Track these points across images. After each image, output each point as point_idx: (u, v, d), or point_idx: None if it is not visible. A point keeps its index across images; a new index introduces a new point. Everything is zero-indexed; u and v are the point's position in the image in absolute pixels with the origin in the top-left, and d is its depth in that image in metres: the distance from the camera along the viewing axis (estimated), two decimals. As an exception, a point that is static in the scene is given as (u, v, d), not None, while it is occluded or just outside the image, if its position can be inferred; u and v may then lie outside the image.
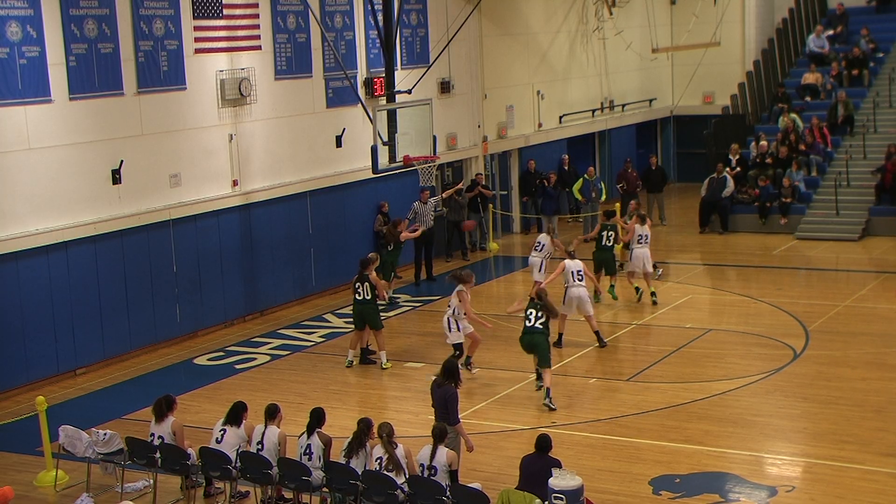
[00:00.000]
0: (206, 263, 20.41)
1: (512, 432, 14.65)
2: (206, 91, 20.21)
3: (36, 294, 17.57)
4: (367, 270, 17.57)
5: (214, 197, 20.51)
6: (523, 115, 29.07)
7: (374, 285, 17.49)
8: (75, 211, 18.15)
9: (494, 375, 17.24)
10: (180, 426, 12.72)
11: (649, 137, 35.29)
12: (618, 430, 14.53)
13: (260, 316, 21.51)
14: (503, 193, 28.92)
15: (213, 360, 18.88)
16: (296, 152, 22.25)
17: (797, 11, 33.98)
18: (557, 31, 30.13)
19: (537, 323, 15.71)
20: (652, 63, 33.58)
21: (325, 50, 22.56)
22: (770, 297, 21.00)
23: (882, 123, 29.02)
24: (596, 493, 11.97)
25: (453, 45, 24.63)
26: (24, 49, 17.12)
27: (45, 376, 17.71)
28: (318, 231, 22.77)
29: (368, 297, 17.46)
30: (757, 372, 16.71)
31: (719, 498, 12.37)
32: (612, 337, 18.96)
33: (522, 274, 24.12)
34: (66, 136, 17.93)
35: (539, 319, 15.71)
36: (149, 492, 13.01)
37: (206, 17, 20.05)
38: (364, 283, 17.47)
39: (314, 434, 12.03)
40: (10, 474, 13.94)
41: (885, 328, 18.70)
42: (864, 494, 12.27)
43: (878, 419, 14.54)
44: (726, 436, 14.21)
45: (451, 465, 11.25)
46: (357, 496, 11.50)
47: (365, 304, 17.54)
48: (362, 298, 17.50)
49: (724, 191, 27.74)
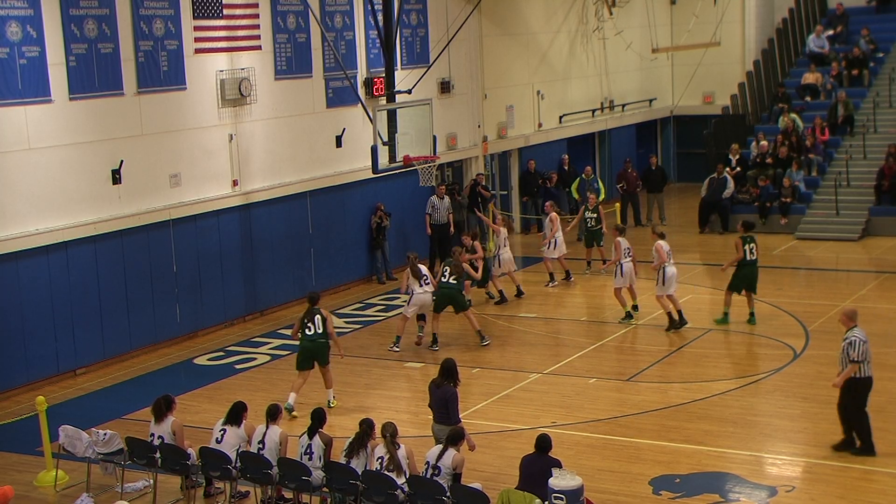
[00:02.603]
0: (206, 263, 20.41)
1: (512, 432, 14.65)
2: (206, 91, 20.21)
3: (36, 294, 17.57)
4: (318, 305, 15.89)
5: (214, 197, 20.51)
6: (523, 115, 29.07)
7: (326, 319, 15.75)
8: (75, 211, 18.14)
9: (494, 375, 17.25)
10: (180, 426, 12.72)
11: (649, 137, 35.29)
12: (618, 430, 14.53)
13: (260, 316, 21.51)
14: (503, 193, 28.93)
15: (213, 360, 18.89)
16: (296, 152, 22.25)
17: (797, 11, 33.99)
18: (557, 31, 30.13)
19: (450, 279, 18.46)
20: (652, 63, 33.59)
21: (325, 50, 22.56)
22: (770, 297, 20.99)
23: (882, 123, 29.03)
24: (596, 493, 11.97)
25: (453, 45, 24.64)
26: (24, 49, 17.12)
27: (45, 376, 17.72)
28: (318, 231, 22.77)
29: (320, 331, 15.67)
30: (757, 372, 16.72)
31: (719, 498, 12.37)
32: (612, 337, 18.97)
33: (522, 274, 24.11)
34: (66, 136, 17.93)
35: (452, 276, 18.49)
36: (149, 492, 13.02)
37: (206, 17, 20.05)
38: (315, 318, 15.69)
39: (315, 434, 12.04)
40: (10, 474, 13.94)
41: (885, 328, 18.69)
42: (865, 494, 12.28)
43: (878, 419, 14.50)
44: (726, 436, 14.22)
45: (456, 469, 11.25)
46: (357, 496, 11.50)
47: (314, 342, 15.70)
48: (313, 334, 15.66)
49: (724, 191, 27.74)
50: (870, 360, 13.33)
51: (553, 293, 22.85)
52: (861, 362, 13.21)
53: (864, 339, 13.21)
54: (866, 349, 13.21)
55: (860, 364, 13.21)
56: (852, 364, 13.20)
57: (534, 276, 24.08)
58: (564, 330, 19.32)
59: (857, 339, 13.15)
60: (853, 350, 13.14)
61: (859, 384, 13.33)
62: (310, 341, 15.72)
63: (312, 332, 15.69)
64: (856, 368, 13.22)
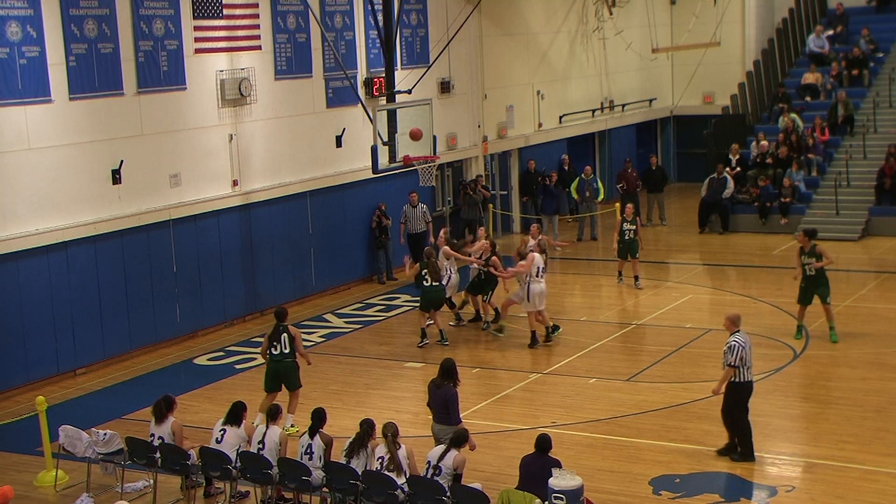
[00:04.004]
0: (206, 263, 20.41)
1: (512, 432, 14.65)
2: (206, 91, 20.21)
3: (36, 294, 17.57)
4: (286, 321, 15.13)
5: (214, 197, 20.51)
6: (523, 115, 29.07)
7: (294, 337, 15.02)
8: (75, 211, 18.15)
9: (494, 375, 17.25)
10: (180, 426, 12.72)
11: (649, 137, 35.29)
12: (618, 430, 14.53)
13: (260, 316, 21.50)
14: (503, 193, 28.93)
15: (213, 360, 18.89)
16: (296, 152, 22.25)
17: (797, 11, 33.98)
18: (557, 31, 30.13)
19: (432, 282, 18.58)
20: (652, 63, 33.58)
21: (325, 50, 22.56)
22: (770, 297, 21.00)
23: (882, 123, 29.03)
24: (596, 493, 11.97)
25: (453, 45, 24.63)
26: (24, 49, 17.12)
27: (45, 376, 17.71)
28: (318, 231, 22.77)
29: (287, 350, 14.92)
30: (757, 372, 16.64)
31: (719, 498, 12.37)
32: (612, 337, 18.96)
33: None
34: (66, 136, 17.93)
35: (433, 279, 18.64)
36: (149, 492, 13.01)
37: (206, 17, 20.05)
38: (281, 336, 14.94)
39: (316, 435, 12.04)
40: (10, 474, 13.94)
41: (885, 328, 18.70)
42: (864, 494, 12.28)
43: (878, 419, 14.54)
44: (726, 436, 14.19)
45: (457, 469, 11.26)
46: (357, 496, 11.50)
47: (281, 362, 14.95)
48: (279, 353, 14.90)
49: (724, 191, 27.74)
50: (749, 366, 13.21)
51: (553, 293, 22.83)
52: (737, 367, 13.13)
53: (743, 344, 13.10)
54: (745, 354, 13.09)
55: (737, 369, 13.13)
56: (727, 368, 13.16)
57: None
58: (564, 330, 19.31)
59: (735, 344, 13.10)
60: (730, 354, 13.09)
61: (740, 389, 13.26)
62: (275, 361, 14.96)
63: (279, 351, 14.91)
64: (731, 373, 13.16)
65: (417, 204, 23.67)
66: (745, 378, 13.23)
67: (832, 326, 17.98)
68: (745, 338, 13.21)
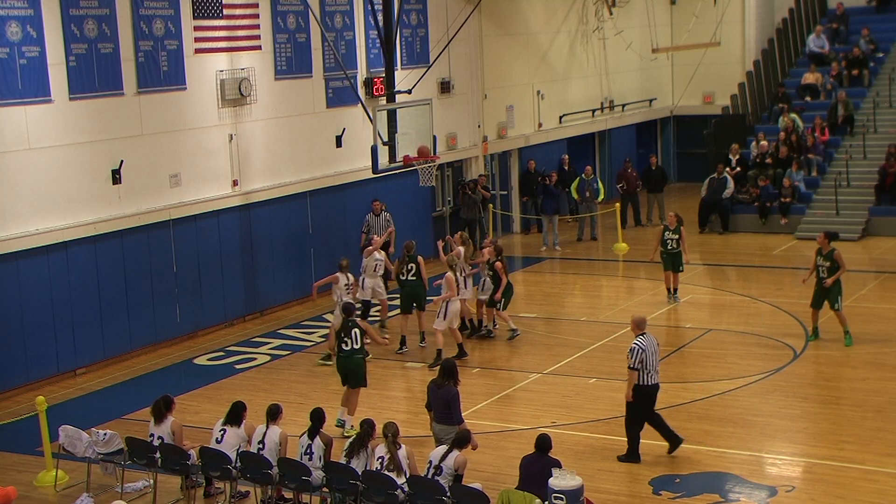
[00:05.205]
0: (206, 263, 20.41)
1: (512, 432, 14.65)
2: (206, 91, 20.21)
3: (36, 294, 17.56)
4: (353, 316, 15.01)
5: (214, 197, 20.51)
6: (523, 115, 29.07)
7: (365, 331, 14.96)
8: (75, 211, 18.15)
9: (494, 375, 17.25)
10: (179, 426, 12.72)
11: (649, 137, 35.29)
12: (618, 430, 14.49)
13: (260, 316, 21.50)
14: (503, 193, 28.93)
15: (213, 360, 18.89)
16: (296, 152, 22.25)
17: (797, 11, 33.98)
18: (557, 31, 30.13)
19: (409, 276, 18.63)
20: (652, 63, 33.58)
21: (325, 50, 22.56)
22: (770, 297, 21.00)
23: (882, 123, 29.02)
24: (596, 493, 11.98)
25: (453, 45, 24.63)
26: (24, 49, 17.12)
27: (45, 376, 17.71)
28: (318, 231, 22.77)
29: (357, 346, 14.74)
30: (757, 372, 16.71)
31: (719, 498, 12.37)
32: (612, 337, 18.94)
33: (522, 274, 24.13)
34: (66, 136, 17.93)
35: (411, 273, 18.65)
36: (149, 492, 13.01)
37: (206, 17, 20.05)
38: (352, 332, 14.77)
39: (316, 435, 12.04)
40: (10, 474, 13.95)
41: (885, 328, 18.70)
42: (864, 494, 12.28)
43: (878, 419, 14.54)
44: (726, 436, 14.22)
45: (458, 470, 11.26)
46: (357, 496, 11.51)
47: (350, 358, 14.81)
48: (349, 349, 14.74)
49: (724, 191, 27.74)
50: (650, 370, 13.26)
51: (553, 293, 22.87)
52: (637, 370, 13.19)
53: (644, 348, 13.17)
54: (645, 357, 13.16)
55: (638, 372, 13.19)
56: (629, 371, 13.25)
57: (532, 276, 24.12)
58: (564, 330, 19.32)
59: (636, 347, 13.20)
60: (631, 357, 13.19)
61: (641, 391, 13.32)
62: (344, 357, 14.80)
63: (349, 347, 14.71)
64: (634, 376, 13.23)
65: (381, 212, 22.29)
66: (647, 381, 13.30)
67: (846, 331, 17.84)
68: (649, 341, 13.31)
